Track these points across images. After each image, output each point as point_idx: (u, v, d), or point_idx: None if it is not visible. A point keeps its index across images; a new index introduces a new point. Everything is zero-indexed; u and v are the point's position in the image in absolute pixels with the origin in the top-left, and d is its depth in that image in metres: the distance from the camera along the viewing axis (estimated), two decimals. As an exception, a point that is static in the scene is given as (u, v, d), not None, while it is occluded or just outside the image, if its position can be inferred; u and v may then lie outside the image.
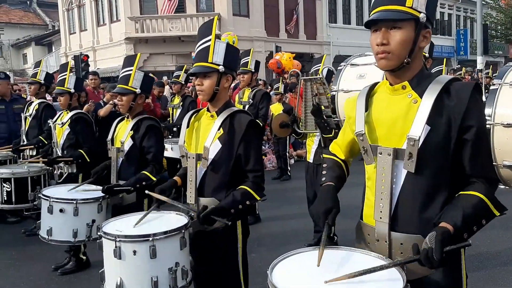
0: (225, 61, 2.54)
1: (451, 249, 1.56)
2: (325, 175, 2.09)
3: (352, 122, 2.00)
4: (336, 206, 1.87)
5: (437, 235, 1.58)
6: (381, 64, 1.79)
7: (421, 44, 1.78)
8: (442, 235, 1.58)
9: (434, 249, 1.55)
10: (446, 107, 1.72)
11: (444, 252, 1.55)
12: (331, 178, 2.06)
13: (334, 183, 2.02)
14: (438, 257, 1.54)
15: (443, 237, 1.57)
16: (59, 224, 3.49)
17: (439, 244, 1.55)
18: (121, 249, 2.31)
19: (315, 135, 4.94)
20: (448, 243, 1.57)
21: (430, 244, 1.57)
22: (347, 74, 3.51)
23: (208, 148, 2.55)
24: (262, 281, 4.21)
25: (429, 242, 1.57)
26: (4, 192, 4.58)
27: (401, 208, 1.81)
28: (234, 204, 2.46)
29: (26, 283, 4.59)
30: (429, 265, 1.57)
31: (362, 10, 29.62)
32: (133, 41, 22.23)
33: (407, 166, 1.76)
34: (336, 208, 1.87)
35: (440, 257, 1.54)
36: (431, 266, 1.57)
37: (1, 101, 6.73)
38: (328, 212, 1.84)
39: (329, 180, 2.04)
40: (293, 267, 1.74)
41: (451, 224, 1.62)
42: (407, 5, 1.71)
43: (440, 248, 1.55)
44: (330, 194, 1.95)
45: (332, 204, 1.87)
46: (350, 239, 4.86)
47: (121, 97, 3.53)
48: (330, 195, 1.94)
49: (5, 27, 33.97)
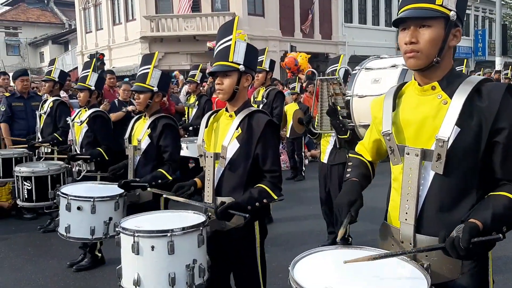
0: (245, 60, 2.54)
1: (479, 240, 1.52)
2: (350, 172, 2.07)
3: (378, 122, 1.97)
4: (360, 199, 1.86)
5: (466, 226, 1.55)
6: (409, 63, 1.75)
7: (451, 43, 1.74)
8: (471, 228, 1.54)
9: (461, 238, 1.52)
10: (477, 108, 1.68)
11: (472, 243, 1.51)
12: (356, 175, 2.04)
13: (359, 180, 2.01)
14: (465, 245, 1.51)
15: (471, 228, 1.54)
16: (77, 221, 3.51)
17: (467, 234, 1.52)
18: (139, 244, 2.32)
19: (330, 135, 4.90)
20: (476, 236, 1.53)
21: (457, 233, 1.54)
22: (361, 79, 3.47)
23: (226, 148, 2.54)
24: (276, 281, 4.19)
25: (456, 232, 1.55)
26: (25, 190, 4.62)
27: (427, 210, 1.78)
28: (251, 201, 2.45)
29: (42, 278, 4.64)
30: (454, 254, 1.54)
31: (378, 10, 29.42)
32: (148, 40, 22.37)
33: (435, 168, 1.72)
34: (360, 201, 1.85)
35: (467, 245, 1.50)
36: (456, 255, 1.54)
37: (20, 98, 6.82)
38: (352, 204, 1.83)
39: (353, 176, 2.03)
40: (314, 264, 1.73)
41: (480, 221, 1.58)
42: (437, 2, 1.68)
43: (468, 237, 1.51)
44: (355, 187, 1.94)
45: (356, 197, 1.86)
46: (366, 240, 4.80)
47: (138, 95, 3.54)
48: (354, 188, 1.93)
49: (22, 25, 34.50)
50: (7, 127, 6.67)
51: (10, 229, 6.34)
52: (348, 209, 1.83)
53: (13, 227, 6.45)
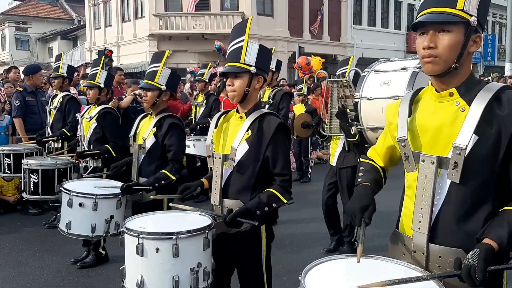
0: (257, 62, 2.49)
1: (496, 269, 1.49)
2: (361, 177, 2.04)
3: (393, 128, 1.93)
4: (373, 204, 1.82)
5: (481, 253, 1.50)
6: (427, 68, 1.71)
7: (470, 49, 1.70)
8: (486, 253, 1.50)
9: (477, 267, 1.48)
10: (496, 117, 1.64)
11: (488, 271, 1.47)
12: (368, 180, 2.00)
13: (370, 184, 1.97)
14: (481, 277, 1.47)
15: (487, 255, 1.49)
16: (78, 218, 3.50)
17: (482, 263, 1.47)
18: (144, 246, 2.29)
19: (339, 138, 4.86)
20: (492, 262, 1.49)
21: (473, 261, 1.49)
22: (370, 81, 3.42)
23: (235, 149, 2.51)
24: (281, 283, 4.15)
25: (472, 259, 1.50)
26: (31, 183, 4.64)
27: (442, 220, 1.73)
28: (260, 206, 2.42)
29: (46, 274, 4.64)
30: (470, 283, 1.50)
31: (387, 12, 29.31)
32: (156, 37, 22.43)
33: (452, 176, 1.68)
34: (373, 206, 1.82)
35: (482, 277, 1.46)
36: (472, 284, 1.50)
37: (32, 93, 6.85)
38: (365, 209, 1.79)
39: (365, 181, 1.99)
40: (325, 274, 1.70)
41: (496, 242, 1.54)
42: (458, 7, 1.63)
43: (484, 267, 1.47)
44: (367, 192, 1.90)
45: (368, 202, 1.82)
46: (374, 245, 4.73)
47: (146, 92, 3.52)
48: (366, 193, 1.89)
49: (32, 20, 34.69)
50: (21, 122, 6.69)
51: (15, 224, 6.35)
52: (361, 215, 1.79)
53: (18, 222, 6.47)
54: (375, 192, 1.96)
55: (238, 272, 2.66)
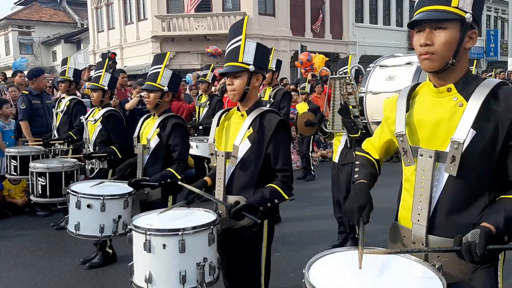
0: (256, 60, 2.55)
1: (494, 248, 1.55)
2: (357, 172, 2.08)
3: (391, 123, 1.97)
4: (370, 203, 1.87)
5: (482, 232, 1.56)
6: (424, 65, 1.76)
7: (466, 45, 1.74)
8: (486, 233, 1.56)
9: (477, 244, 1.53)
10: (493, 112, 1.69)
11: (487, 250, 1.53)
12: (364, 176, 2.05)
13: (367, 181, 2.02)
14: (481, 252, 1.52)
15: (487, 235, 1.55)
16: (86, 219, 3.56)
17: (483, 240, 1.53)
18: (151, 243, 2.36)
19: (342, 135, 4.91)
20: (491, 242, 1.55)
21: (473, 238, 1.56)
22: (375, 76, 3.47)
23: (237, 147, 2.56)
24: (287, 280, 4.19)
25: (472, 237, 1.56)
26: (39, 186, 4.69)
27: (440, 212, 1.79)
28: (263, 202, 2.48)
29: (56, 275, 4.70)
30: (469, 259, 1.56)
31: (389, 10, 29.26)
32: (159, 39, 22.49)
33: (449, 170, 1.73)
34: (370, 205, 1.86)
35: (482, 252, 1.52)
36: (470, 260, 1.56)
37: (37, 96, 6.91)
38: (362, 209, 1.84)
39: (362, 178, 2.04)
40: (329, 267, 1.74)
41: (493, 225, 1.59)
42: (453, 5, 1.68)
43: (484, 244, 1.53)
44: (363, 190, 1.94)
45: (366, 201, 1.87)
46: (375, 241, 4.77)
47: (148, 93, 3.57)
48: (363, 192, 1.93)
49: (36, 24, 34.83)
50: (27, 125, 6.75)
51: (24, 226, 6.43)
52: (359, 214, 1.83)
53: (26, 224, 6.54)
54: (371, 187, 2.01)
55: (237, 265, 2.69)
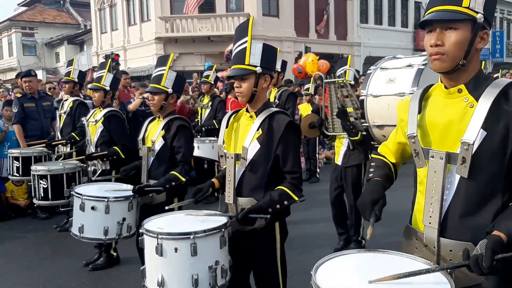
0: (262, 61, 2.54)
1: (503, 257, 1.51)
2: (372, 172, 2.05)
3: (404, 125, 1.96)
4: (383, 198, 1.84)
5: (488, 242, 1.53)
6: (435, 66, 1.74)
7: (478, 45, 1.72)
8: (494, 243, 1.53)
9: (484, 255, 1.50)
10: (503, 112, 1.66)
11: (495, 260, 1.50)
12: (379, 175, 2.02)
13: (381, 179, 1.99)
14: (487, 264, 1.49)
15: (495, 245, 1.52)
16: (91, 221, 3.53)
17: (489, 251, 1.50)
18: (163, 246, 2.36)
19: (343, 137, 4.88)
20: (500, 251, 1.51)
21: (480, 250, 1.53)
22: (376, 78, 3.44)
23: (246, 148, 2.56)
24: (292, 283, 4.15)
25: (480, 249, 1.54)
26: (41, 189, 4.66)
27: (452, 214, 1.76)
28: (272, 204, 2.47)
29: (60, 277, 4.69)
30: (478, 272, 1.53)
31: (394, 11, 29.17)
32: (163, 40, 22.49)
33: (460, 171, 1.71)
34: (383, 200, 1.84)
35: (489, 264, 1.49)
36: (480, 272, 1.53)
37: (32, 99, 6.84)
38: (375, 202, 1.82)
39: (376, 176, 2.01)
40: (336, 269, 1.72)
41: (505, 233, 1.56)
42: (464, 5, 1.66)
43: (491, 255, 1.50)
44: (378, 187, 1.92)
45: (379, 195, 1.85)
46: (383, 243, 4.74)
47: (153, 96, 3.55)
48: (377, 188, 1.91)
49: (39, 26, 34.93)
50: (20, 128, 6.68)
51: (27, 228, 6.43)
52: (371, 208, 1.81)
53: (29, 225, 6.54)
54: (386, 188, 1.98)
55: (254, 269, 2.70)
